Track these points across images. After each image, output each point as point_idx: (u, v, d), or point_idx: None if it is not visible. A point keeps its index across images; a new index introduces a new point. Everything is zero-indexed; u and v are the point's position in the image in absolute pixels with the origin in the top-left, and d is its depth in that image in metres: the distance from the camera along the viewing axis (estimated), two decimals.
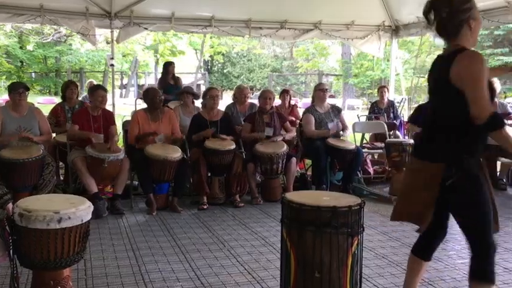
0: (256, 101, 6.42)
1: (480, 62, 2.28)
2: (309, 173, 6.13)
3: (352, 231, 2.45)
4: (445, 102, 2.41)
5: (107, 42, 16.06)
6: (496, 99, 5.87)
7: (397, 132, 7.30)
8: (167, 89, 7.65)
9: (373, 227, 4.53)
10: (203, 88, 20.22)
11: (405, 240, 4.16)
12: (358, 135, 7.41)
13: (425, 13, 2.45)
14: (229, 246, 3.98)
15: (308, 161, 6.43)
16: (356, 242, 2.47)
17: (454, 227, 2.59)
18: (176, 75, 8.29)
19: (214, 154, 5.27)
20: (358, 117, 8.07)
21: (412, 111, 8.02)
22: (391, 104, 7.76)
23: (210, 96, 5.68)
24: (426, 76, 2.66)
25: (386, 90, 7.94)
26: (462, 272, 3.40)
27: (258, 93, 7.13)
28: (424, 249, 2.69)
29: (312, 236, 2.41)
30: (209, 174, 5.44)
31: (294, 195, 2.62)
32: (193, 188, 5.51)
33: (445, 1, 2.39)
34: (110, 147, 4.92)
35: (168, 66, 8.19)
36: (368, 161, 6.83)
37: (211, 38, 22.67)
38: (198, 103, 6.67)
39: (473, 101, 2.24)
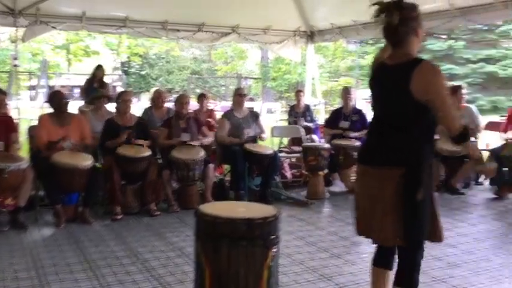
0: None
1: (442, 75, 2.35)
2: (228, 178, 6.06)
3: (268, 243, 2.39)
4: (402, 109, 2.41)
5: (12, 41, 14.98)
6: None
7: (313, 136, 7.45)
8: (90, 93, 7.45)
9: (291, 232, 4.55)
10: (120, 90, 19.59)
11: (321, 244, 4.22)
12: (278, 139, 7.50)
13: (377, 15, 2.45)
14: (143, 258, 3.80)
15: (227, 166, 6.37)
16: (272, 253, 2.43)
17: None
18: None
19: (128, 162, 5.04)
20: (276, 122, 8.16)
21: (327, 115, 8.24)
22: (307, 108, 7.91)
23: (123, 100, 5.45)
24: (368, 82, 2.63)
25: (302, 94, 8.09)
26: None
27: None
28: (387, 258, 2.60)
29: (227, 250, 2.33)
30: (123, 183, 5.19)
31: (208, 208, 2.52)
32: (105, 197, 5.23)
33: (396, 7, 2.40)
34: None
35: (95, 69, 8.15)
36: (286, 165, 6.89)
37: (128, 38, 21.99)
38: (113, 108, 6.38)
39: (444, 118, 2.35)
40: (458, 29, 18.23)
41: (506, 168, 5.98)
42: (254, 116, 6.20)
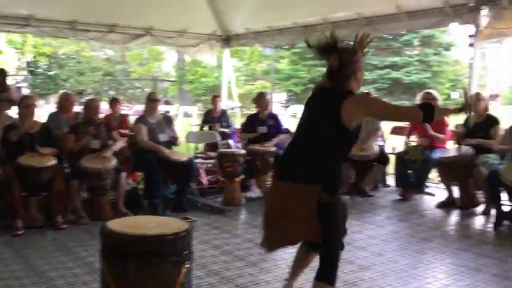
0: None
1: (367, 95, 2.56)
2: (141, 186, 5.84)
3: (180, 259, 2.31)
4: (324, 132, 2.56)
5: None
6: None
7: (230, 141, 7.42)
8: None
9: (207, 241, 4.46)
10: (27, 92, 18.57)
11: (237, 253, 4.17)
12: (193, 145, 7.36)
13: (319, 56, 2.58)
14: (47, 277, 3.53)
15: (140, 174, 6.14)
16: (185, 269, 2.34)
17: None
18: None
19: (30, 172, 4.67)
20: (192, 126, 8.05)
21: (244, 119, 8.27)
22: (223, 113, 7.89)
23: (26, 105, 5.06)
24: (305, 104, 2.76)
25: (219, 99, 8.07)
26: None
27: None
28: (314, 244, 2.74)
29: (135, 269, 2.21)
30: (24, 194, 4.80)
31: (117, 224, 2.39)
32: (4, 211, 4.80)
33: (335, 54, 2.53)
34: None
35: None
36: (202, 171, 6.79)
37: (34, 37, 20.69)
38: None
39: (401, 115, 2.67)
40: None
41: (411, 171, 6.34)
42: (168, 120, 6.06)
